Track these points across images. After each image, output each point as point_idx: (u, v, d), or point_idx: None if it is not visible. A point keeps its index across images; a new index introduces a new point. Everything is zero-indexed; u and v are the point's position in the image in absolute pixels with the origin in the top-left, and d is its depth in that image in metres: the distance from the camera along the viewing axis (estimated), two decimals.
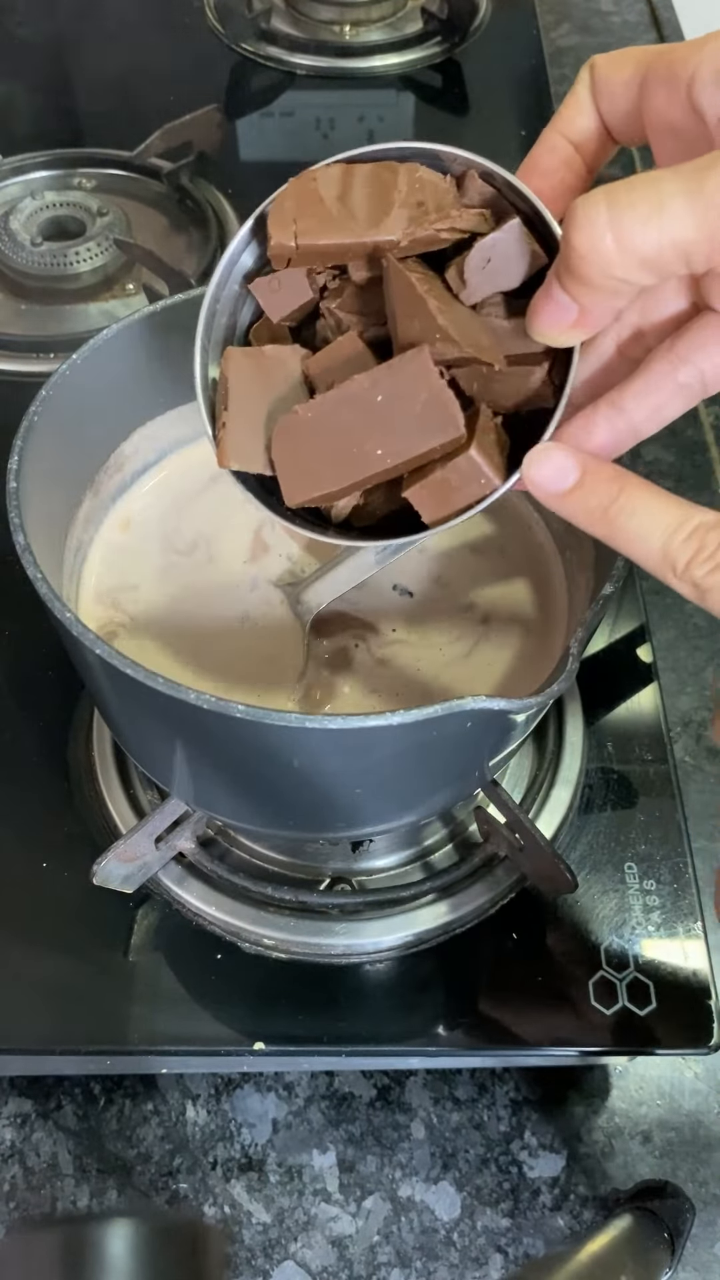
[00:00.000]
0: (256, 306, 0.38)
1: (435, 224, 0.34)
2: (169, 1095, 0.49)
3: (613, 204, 0.27)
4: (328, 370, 0.36)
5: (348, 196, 0.35)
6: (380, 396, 0.33)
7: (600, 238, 0.27)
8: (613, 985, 0.47)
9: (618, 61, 0.33)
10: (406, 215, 0.34)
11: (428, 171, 0.35)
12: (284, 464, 0.36)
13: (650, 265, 0.28)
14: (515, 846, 0.49)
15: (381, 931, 0.48)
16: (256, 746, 0.37)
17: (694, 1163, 0.48)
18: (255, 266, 0.38)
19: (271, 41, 1.03)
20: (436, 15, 1.03)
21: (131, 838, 0.47)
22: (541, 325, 0.32)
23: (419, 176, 0.35)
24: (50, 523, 0.45)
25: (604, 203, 0.27)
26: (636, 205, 0.27)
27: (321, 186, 0.35)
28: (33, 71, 1.03)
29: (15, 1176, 0.47)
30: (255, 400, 0.36)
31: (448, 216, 0.34)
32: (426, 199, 0.34)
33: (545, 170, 0.34)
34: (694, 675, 0.62)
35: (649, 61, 0.32)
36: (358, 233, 0.34)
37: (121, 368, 0.47)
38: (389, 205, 0.34)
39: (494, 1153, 0.48)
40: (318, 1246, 0.46)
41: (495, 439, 0.35)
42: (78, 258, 0.78)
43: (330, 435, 0.34)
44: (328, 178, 0.35)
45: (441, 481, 0.34)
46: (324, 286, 0.37)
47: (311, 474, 0.35)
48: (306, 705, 0.45)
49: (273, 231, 0.35)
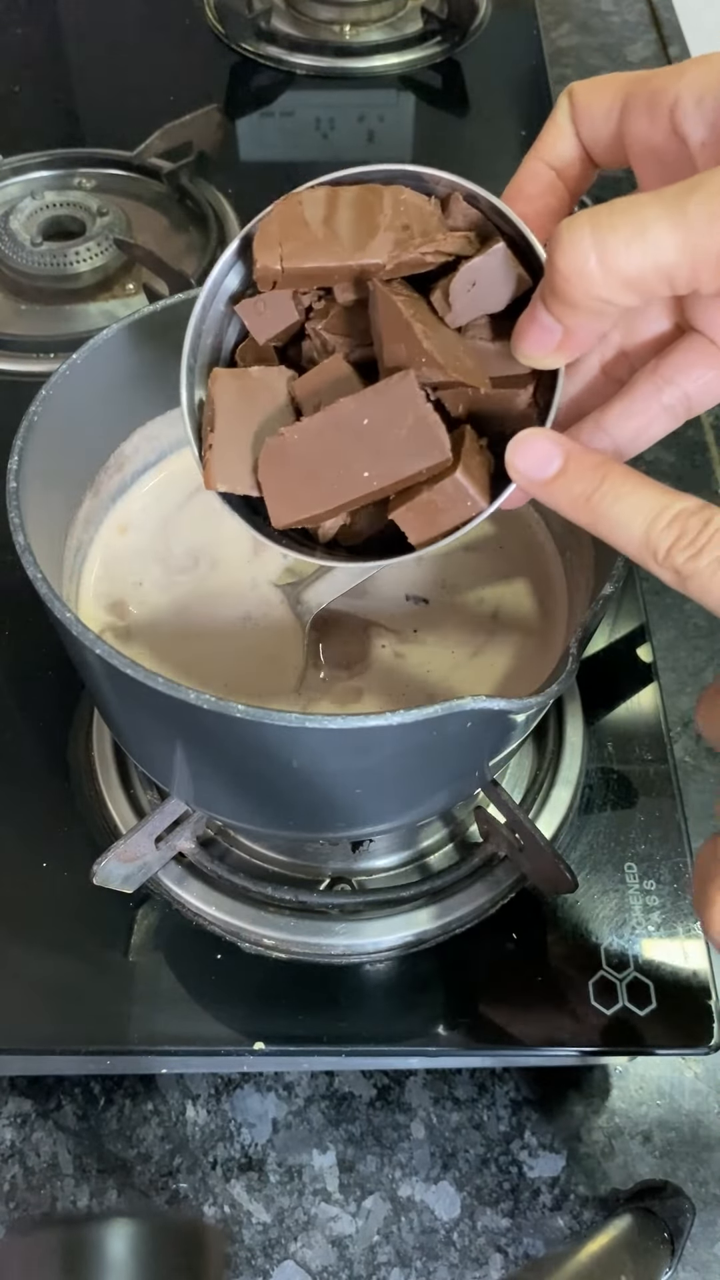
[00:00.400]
0: (242, 327, 0.38)
1: (420, 248, 0.34)
2: (169, 1095, 0.49)
3: (596, 226, 0.28)
4: (314, 392, 0.36)
5: (333, 219, 0.35)
6: (367, 420, 0.34)
7: (584, 260, 0.28)
8: (613, 985, 0.47)
9: (597, 88, 0.33)
10: (392, 238, 0.34)
11: (412, 194, 0.35)
12: (271, 486, 0.36)
13: (633, 287, 0.28)
14: (515, 846, 0.49)
15: (381, 931, 0.48)
16: (256, 746, 0.37)
17: (694, 1163, 0.48)
18: (240, 288, 0.38)
19: (271, 41, 1.03)
20: (436, 15, 1.03)
21: (131, 838, 0.47)
22: (526, 347, 0.32)
23: (404, 199, 0.35)
24: (50, 523, 0.45)
25: (588, 225, 0.28)
26: (619, 228, 0.27)
27: (307, 209, 0.35)
28: (33, 71, 1.03)
29: (15, 1176, 0.47)
30: (242, 422, 0.37)
31: (433, 240, 0.34)
32: (411, 222, 0.34)
33: (529, 196, 0.35)
34: (694, 675, 0.62)
35: (629, 88, 0.32)
36: (343, 256, 0.34)
37: (122, 367, 0.47)
38: (374, 228, 0.34)
39: (494, 1153, 0.48)
40: (318, 1246, 0.46)
41: (480, 461, 0.35)
42: (78, 258, 0.78)
43: (317, 458, 0.35)
44: (313, 200, 0.35)
45: (427, 503, 0.34)
46: (309, 307, 0.37)
47: (298, 496, 0.35)
48: (310, 707, 0.45)
49: (259, 254, 0.35)
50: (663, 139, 0.31)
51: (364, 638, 0.47)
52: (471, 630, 0.47)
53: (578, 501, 0.31)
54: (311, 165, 0.92)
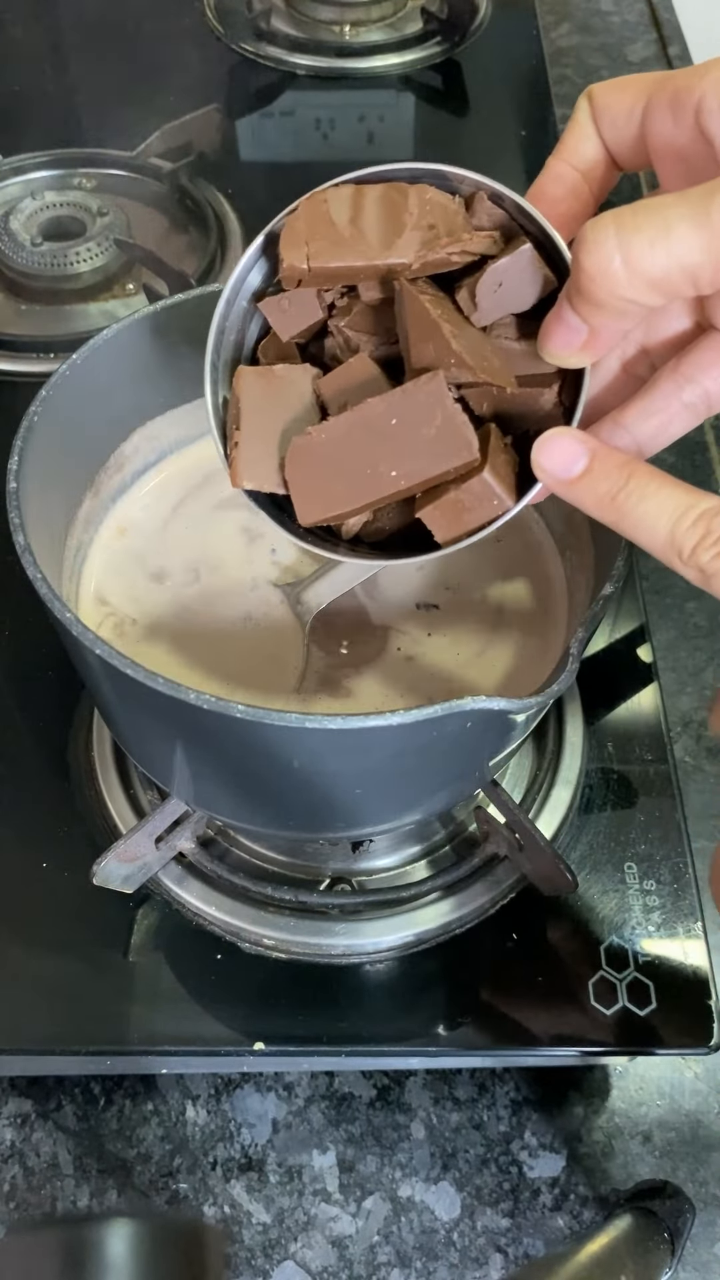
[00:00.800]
0: (264, 323, 0.38)
1: (447, 247, 0.34)
2: (169, 1095, 0.49)
3: (621, 227, 0.28)
4: (341, 391, 0.36)
5: (359, 218, 0.35)
6: (394, 420, 0.34)
7: (609, 260, 0.28)
8: (613, 985, 0.47)
9: (617, 89, 0.33)
10: (418, 238, 0.34)
11: (437, 193, 0.35)
12: (297, 484, 0.36)
13: (658, 287, 0.28)
14: (515, 846, 0.49)
15: (381, 931, 0.48)
16: (256, 746, 0.37)
17: (694, 1163, 0.48)
18: (263, 285, 0.38)
19: (271, 41, 1.03)
20: (436, 15, 1.03)
21: (131, 838, 0.47)
22: (553, 347, 0.32)
23: (429, 198, 0.35)
24: (50, 523, 0.45)
25: (613, 226, 0.28)
26: (643, 229, 0.28)
27: (333, 207, 0.35)
28: (33, 71, 1.03)
29: (15, 1176, 0.47)
30: (268, 419, 0.37)
31: (459, 240, 0.34)
32: (437, 221, 0.34)
33: (552, 199, 0.35)
34: (694, 675, 0.62)
35: (651, 89, 0.32)
36: (370, 255, 0.34)
37: (121, 368, 0.47)
38: (400, 227, 0.34)
39: (494, 1153, 0.48)
40: (318, 1246, 0.46)
41: (506, 459, 0.35)
42: (78, 258, 0.78)
43: (344, 457, 0.35)
44: (338, 198, 0.35)
45: (454, 502, 0.34)
46: (332, 304, 0.37)
47: (325, 494, 0.35)
48: (310, 707, 0.45)
49: (285, 253, 0.35)
50: (687, 140, 0.31)
51: (381, 642, 0.47)
52: (477, 631, 0.47)
53: (603, 500, 0.31)
54: (311, 165, 0.92)
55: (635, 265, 0.28)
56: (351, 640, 0.47)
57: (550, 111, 0.96)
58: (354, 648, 0.47)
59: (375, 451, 0.34)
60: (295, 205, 0.36)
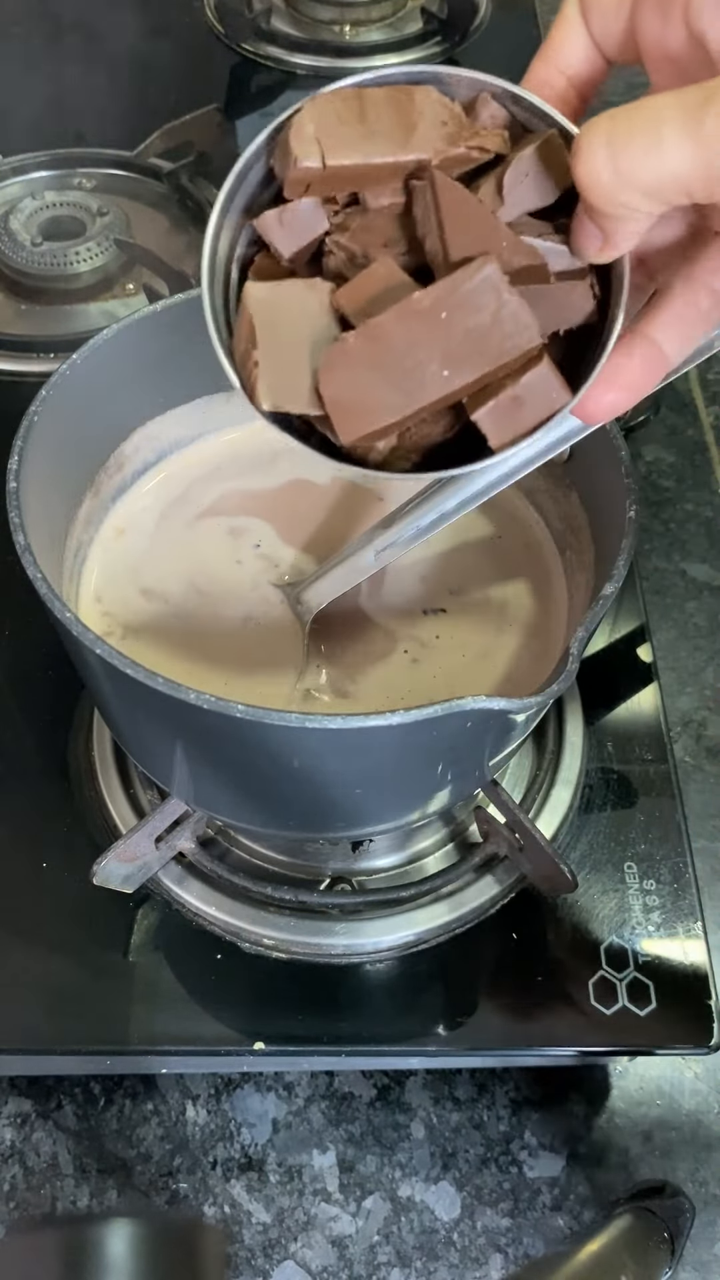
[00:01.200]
0: (251, 239, 0.35)
1: (467, 141, 0.32)
2: (169, 1095, 0.49)
3: (613, 136, 0.28)
4: (367, 301, 0.33)
5: (368, 118, 0.33)
6: (444, 313, 0.31)
7: (602, 170, 0.28)
8: (613, 985, 0.47)
9: None
10: (436, 134, 0.32)
11: (439, 95, 0.34)
12: (334, 398, 0.33)
13: (653, 195, 0.28)
14: (515, 846, 0.49)
15: (381, 931, 0.48)
16: (256, 746, 0.37)
17: (694, 1163, 0.48)
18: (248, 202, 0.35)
19: (271, 41, 1.03)
20: (436, 15, 1.03)
21: (131, 838, 0.47)
22: (577, 245, 0.32)
23: (434, 99, 0.33)
24: (50, 523, 0.45)
25: (604, 135, 0.28)
26: (635, 138, 0.27)
27: (339, 109, 0.33)
28: (33, 71, 1.03)
29: (15, 1176, 0.47)
30: (285, 336, 0.34)
31: (476, 134, 0.33)
32: (448, 119, 0.33)
33: None
34: (694, 675, 0.62)
35: None
36: (390, 151, 0.32)
37: (121, 368, 0.47)
38: (412, 125, 0.33)
39: (494, 1153, 0.48)
40: (318, 1246, 0.46)
41: (553, 352, 0.33)
42: (78, 258, 0.78)
43: (386, 362, 0.32)
44: (343, 100, 0.33)
45: (512, 400, 0.32)
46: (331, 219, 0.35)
47: (366, 407, 0.33)
48: (310, 707, 0.45)
49: (297, 150, 0.32)
50: (676, 40, 0.30)
51: (387, 646, 0.47)
52: (482, 633, 0.47)
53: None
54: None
55: (628, 175, 0.28)
56: (357, 645, 0.47)
57: None
58: (359, 652, 0.47)
59: (422, 351, 0.32)
60: (297, 107, 0.33)
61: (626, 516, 0.41)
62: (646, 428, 0.74)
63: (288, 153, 0.32)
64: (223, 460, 0.53)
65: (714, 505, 0.71)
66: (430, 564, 0.50)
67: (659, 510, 0.71)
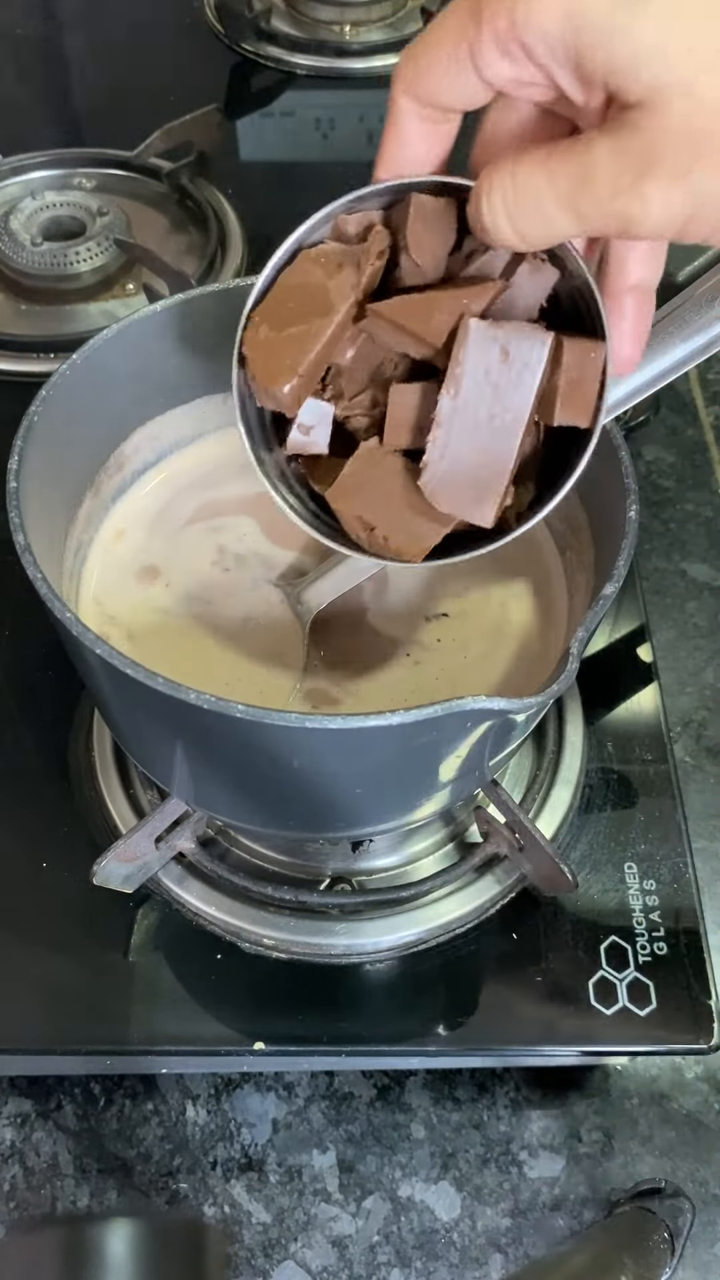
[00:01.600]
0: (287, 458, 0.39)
1: (366, 263, 0.35)
2: (169, 1095, 0.49)
3: (507, 206, 0.30)
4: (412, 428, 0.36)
5: (288, 308, 0.35)
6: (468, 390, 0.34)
7: (502, 229, 0.30)
8: (613, 985, 0.47)
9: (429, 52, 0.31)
10: (344, 280, 0.35)
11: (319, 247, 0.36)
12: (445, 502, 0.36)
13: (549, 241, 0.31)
14: (515, 846, 0.49)
15: (381, 931, 0.48)
16: (256, 746, 0.37)
17: (694, 1163, 0.48)
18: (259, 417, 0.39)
19: (271, 41, 1.03)
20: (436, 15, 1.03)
21: (131, 838, 0.47)
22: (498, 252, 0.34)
23: (316, 254, 0.36)
24: (50, 523, 0.45)
25: (500, 206, 0.30)
26: (527, 211, 0.30)
27: (265, 320, 0.35)
28: (33, 71, 1.03)
29: (15, 1176, 0.47)
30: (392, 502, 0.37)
31: (365, 251, 0.35)
32: (340, 259, 0.35)
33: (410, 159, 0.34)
34: (694, 675, 0.62)
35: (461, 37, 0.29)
36: (324, 324, 0.35)
37: (121, 368, 0.47)
38: (322, 287, 0.35)
39: (494, 1153, 0.48)
40: (318, 1246, 0.46)
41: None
42: (78, 258, 0.78)
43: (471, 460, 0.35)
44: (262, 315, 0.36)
45: (570, 384, 0.34)
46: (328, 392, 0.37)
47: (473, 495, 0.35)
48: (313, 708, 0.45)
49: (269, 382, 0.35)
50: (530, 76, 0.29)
51: (388, 650, 0.47)
52: (483, 635, 0.47)
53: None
54: (311, 165, 0.92)
55: (525, 233, 0.30)
56: (358, 646, 0.47)
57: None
58: (360, 653, 0.47)
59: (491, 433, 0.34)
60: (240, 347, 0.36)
61: (627, 517, 0.41)
62: (646, 428, 0.74)
63: (263, 389, 0.36)
64: (223, 460, 0.53)
65: (714, 505, 0.71)
66: (437, 579, 0.50)
67: (659, 510, 0.71)
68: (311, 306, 0.35)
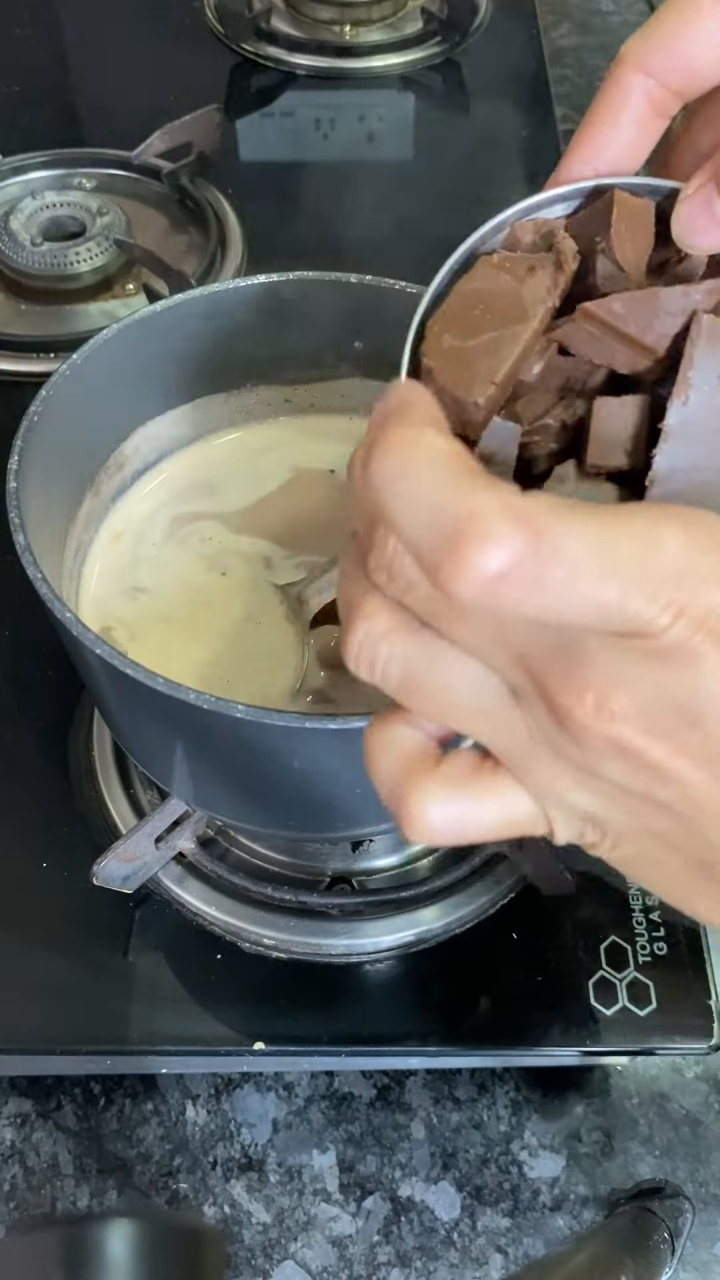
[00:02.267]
0: None
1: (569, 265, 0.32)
2: (169, 1095, 0.49)
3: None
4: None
5: (475, 315, 0.32)
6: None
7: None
8: (613, 985, 0.47)
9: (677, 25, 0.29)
10: (541, 285, 0.32)
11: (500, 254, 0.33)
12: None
13: None
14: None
15: (381, 931, 0.48)
16: (256, 746, 0.37)
17: (694, 1163, 0.48)
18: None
19: (271, 41, 1.03)
20: (436, 15, 1.03)
21: (131, 838, 0.47)
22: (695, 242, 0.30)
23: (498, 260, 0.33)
24: (50, 523, 0.45)
25: None
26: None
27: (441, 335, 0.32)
28: (33, 71, 1.03)
29: (15, 1176, 0.47)
30: None
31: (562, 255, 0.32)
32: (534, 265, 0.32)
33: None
34: None
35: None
36: (519, 333, 0.31)
37: (121, 368, 0.47)
38: (516, 295, 0.32)
39: (494, 1153, 0.48)
40: (318, 1246, 0.46)
41: None
42: (78, 258, 0.78)
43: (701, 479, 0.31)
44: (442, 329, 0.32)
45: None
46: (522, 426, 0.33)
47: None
48: (311, 707, 0.45)
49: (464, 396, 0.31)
50: None
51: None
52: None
53: None
54: (311, 165, 0.92)
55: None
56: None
57: (550, 111, 0.96)
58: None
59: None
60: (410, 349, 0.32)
61: None
62: None
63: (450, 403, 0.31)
64: (223, 461, 0.53)
65: None
66: None
67: None
68: (503, 313, 0.32)
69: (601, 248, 0.32)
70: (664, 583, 0.20)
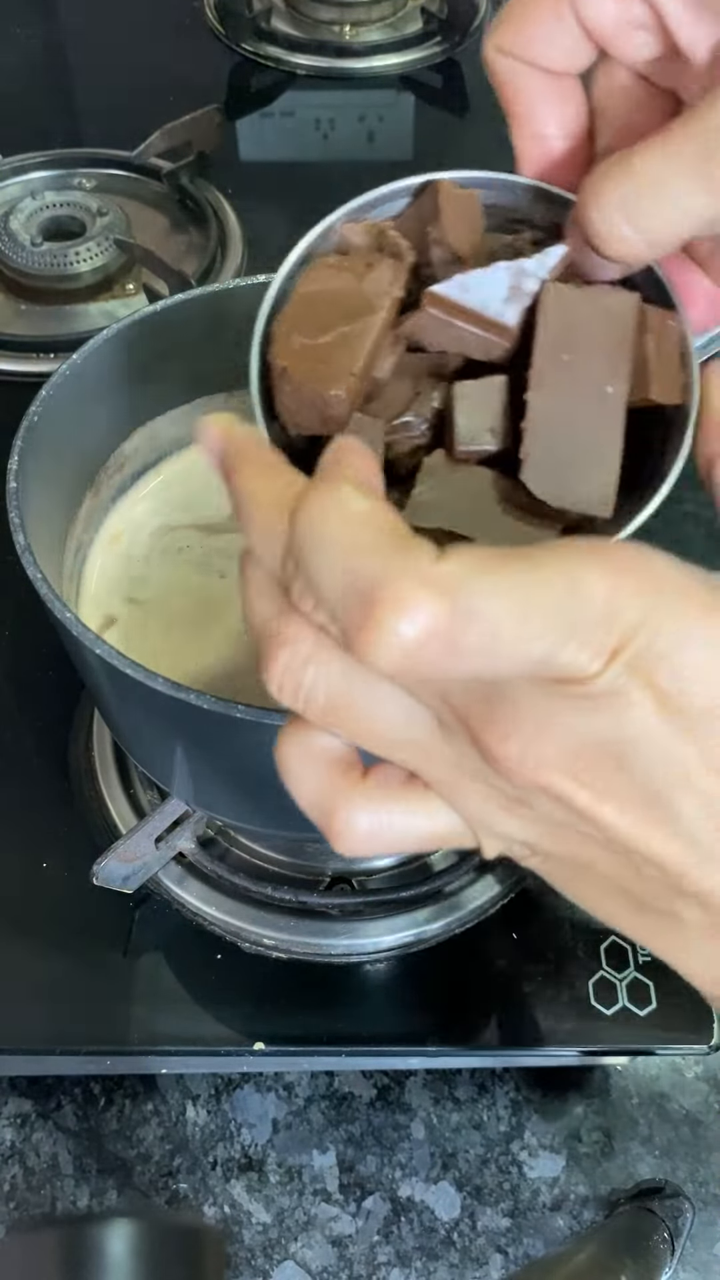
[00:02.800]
0: None
1: (407, 257, 0.32)
2: (169, 1095, 0.49)
3: (625, 202, 0.27)
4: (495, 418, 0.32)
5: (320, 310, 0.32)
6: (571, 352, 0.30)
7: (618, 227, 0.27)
8: (613, 985, 0.47)
9: None
10: (382, 278, 0.32)
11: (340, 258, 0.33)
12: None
13: (670, 243, 0.28)
14: None
15: (381, 931, 0.48)
16: (256, 746, 0.37)
17: (694, 1163, 0.48)
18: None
19: (271, 41, 1.03)
20: (436, 15, 1.03)
21: (131, 838, 0.47)
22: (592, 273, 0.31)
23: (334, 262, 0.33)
24: (50, 523, 0.45)
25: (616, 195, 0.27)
26: (648, 201, 0.27)
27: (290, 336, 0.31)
28: (33, 71, 1.03)
29: (15, 1176, 0.47)
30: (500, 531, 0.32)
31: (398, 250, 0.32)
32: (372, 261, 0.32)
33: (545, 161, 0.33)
34: None
35: None
36: (368, 324, 0.31)
37: (122, 367, 0.47)
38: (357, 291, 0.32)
39: (494, 1153, 0.48)
40: (318, 1246, 0.46)
41: None
42: (78, 258, 0.78)
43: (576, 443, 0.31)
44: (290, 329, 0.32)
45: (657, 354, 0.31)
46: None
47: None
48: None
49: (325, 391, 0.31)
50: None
51: None
52: None
53: None
54: (311, 165, 0.92)
55: (648, 231, 0.27)
56: None
57: None
58: None
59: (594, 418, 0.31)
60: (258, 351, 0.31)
61: None
62: None
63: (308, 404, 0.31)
64: None
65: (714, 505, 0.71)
66: None
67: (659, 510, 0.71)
68: (349, 309, 0.31)
69: (434, 237, 0.32)
70: (594, 629, 0.20)
